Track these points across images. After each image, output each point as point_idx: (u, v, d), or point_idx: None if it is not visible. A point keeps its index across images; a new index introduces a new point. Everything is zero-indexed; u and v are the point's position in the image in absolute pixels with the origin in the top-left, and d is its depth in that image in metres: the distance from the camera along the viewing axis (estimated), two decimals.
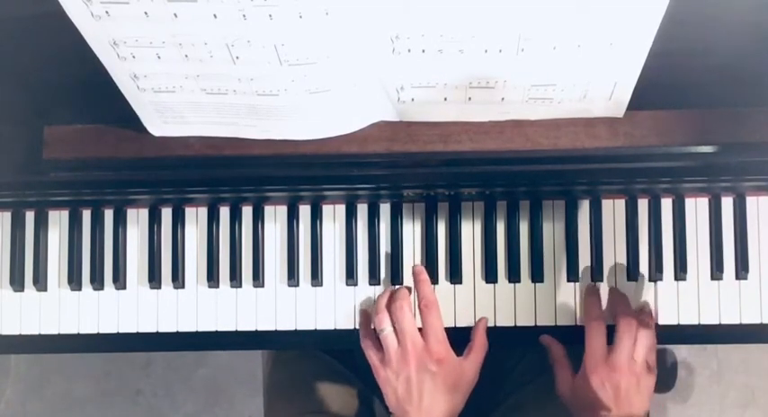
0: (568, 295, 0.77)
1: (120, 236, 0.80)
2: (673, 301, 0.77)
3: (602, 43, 0.61)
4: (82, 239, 0.81)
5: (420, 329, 0.73)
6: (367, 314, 0.77)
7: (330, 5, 0.56)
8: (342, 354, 0.93)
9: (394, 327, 0.72)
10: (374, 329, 0.74)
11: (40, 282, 0.81)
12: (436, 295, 0.75)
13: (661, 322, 0.77)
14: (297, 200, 0.79)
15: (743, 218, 0.76)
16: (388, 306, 0.73)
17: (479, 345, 0.75)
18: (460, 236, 0.78)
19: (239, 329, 0.79)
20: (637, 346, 0.71)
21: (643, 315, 0.74)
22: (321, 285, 0.79)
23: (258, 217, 0.79)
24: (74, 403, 1.59)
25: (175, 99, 0.67)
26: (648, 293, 0.77)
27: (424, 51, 0.62)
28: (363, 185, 0.75)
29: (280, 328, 0.79)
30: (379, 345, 0.73)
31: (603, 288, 0.77)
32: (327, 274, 0.79)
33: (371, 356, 0.74)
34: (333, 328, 0.79)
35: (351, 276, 0.78)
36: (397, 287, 0.77)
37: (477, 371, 0.74)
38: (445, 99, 0.68)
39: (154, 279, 0.80)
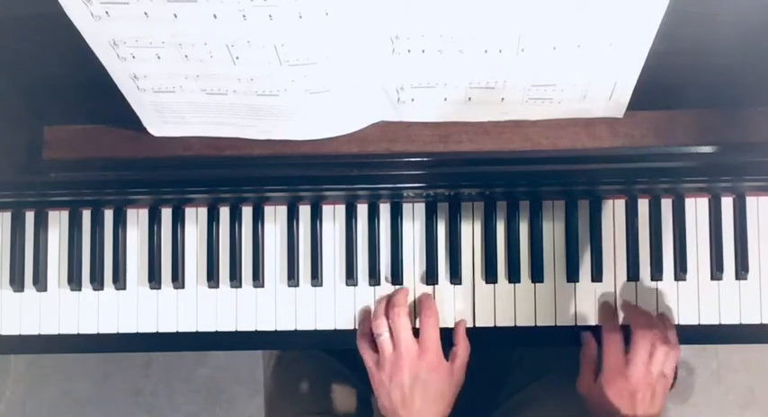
0: (568, 295, 0.77)
1: (120, 236, 0.80)
2: (673, 301, 0.77)
3: (602, 43, 0.61)
4: (82, 239, 0.80)
5: (416, 334, 0.73)
6: (366, 315, 0.78)
7: (330, 6, 0.56)
8: (343, 354, 0.93)
9: (391, 333, 0.73)
10: (371, 332, 0.75)
11: (40, 282, 0.81)
12: (436, 295, 0.76)
13: None
14: (297, 200, 0.79)
15: (743, 218, 0.76)
16: (386, 312, 0.74)
17: (462, 348, 0.75)
18: (460, 236, 0.78)
19: (239, 329, 0.79)
20: (653, 358, 0.71)
21: (659, 324, 0.74)
22: (321, 285, 0.79)
23: (258, 217, 0.79)
24: (74, 403, 1.59)
25: (175, 99, 0.67)
26: (649, 293, 0.77)
27: (423, 51, 0.62)
28: (363, 185, 0.75)
29: (280, 328, 0.79)
30: (375, 347, 0.74)
31: (609, 295, 0.77)
32: (327, 274, 0.79)
33: (367, 358, 0.75)
34: (333, 328, 0.79)
35: (351, 276, 0.78)
36: (396, 288, 0.77)
37: (464, 373, 0.75)
38: (445, 99, 0.68)
39: (154, 280, 0.79)
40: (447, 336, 0.75)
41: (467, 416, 0.74)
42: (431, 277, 0.78)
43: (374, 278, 0.78)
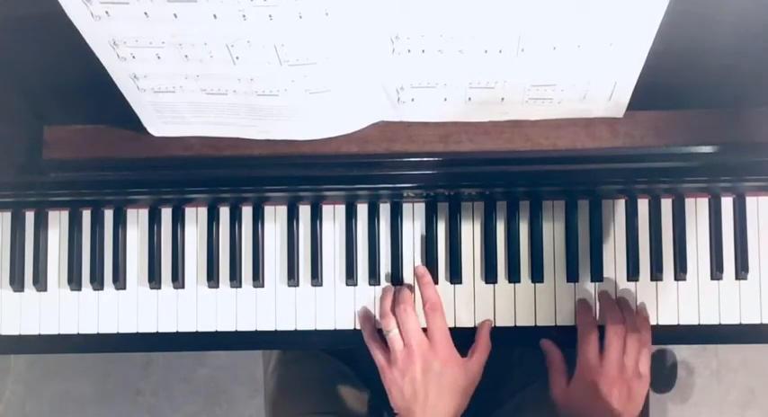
0: (568, 295, 0.77)
1: (120, 236, 0.80)
2: (673, 301, 0.77)
3: (602, 43, 0.61)
4: (82, 239, 0.80)
5: (424, 329, 0.73)
6: (368, 316, 0.78)
7: (330, 6, 0.56)
8: (344, 354, 0.93)
9: (399, 329, 0.73)
10: (380, 330, 0.75)
11: (40, 282, 0.81)
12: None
13: (661, 322, 0.77)
14: (297, 200, 0.79)
15: (743, 218, 0.76)
16: (393, 309, 0.74)
17: (483, 346, 0.75)
18: (460, 236, 0.78)
19: (239, 329, 0.79)
20: (626, 352, 0.72)
21: (633, 320, 0.74)
22: (321, 285, 0.79)
23: (258, 217, 0.79)
24: (74, 403, 1.59)
25: (175, 99, 0.67)
26: (648, 293, 0.77)
27: (423, 51, 0.62)
28: (363, 185, 0.75)
29: (279, 328, 0.79)
30: (385, 346, 0.74)
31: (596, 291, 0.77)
32: (327, 274, 0.79)
33: (378, 357, 0.74)
34: (333, 328, 0.79)
35: (351, 276, 0.78)
36: (398, 287, 0.77)
37: (481, 372, 0.75)
38: (445, 99, 0.68)
39: (154, 280, 0.79)
40: (453, 335, 0.75)
41: (467, 416, 0.74)
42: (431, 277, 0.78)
43: (374, 278, 0.78)
